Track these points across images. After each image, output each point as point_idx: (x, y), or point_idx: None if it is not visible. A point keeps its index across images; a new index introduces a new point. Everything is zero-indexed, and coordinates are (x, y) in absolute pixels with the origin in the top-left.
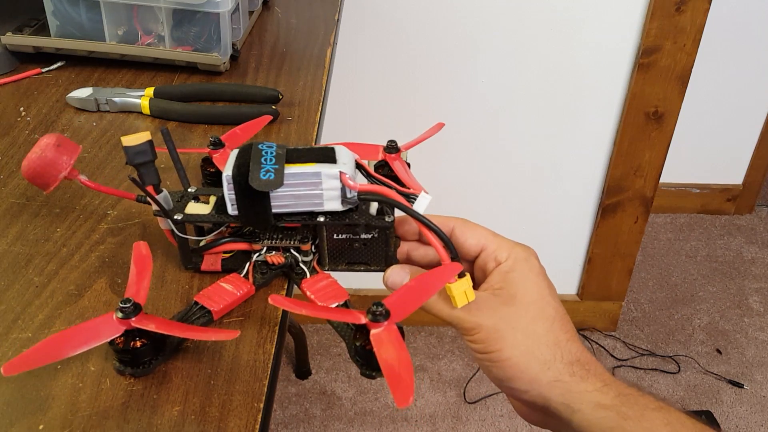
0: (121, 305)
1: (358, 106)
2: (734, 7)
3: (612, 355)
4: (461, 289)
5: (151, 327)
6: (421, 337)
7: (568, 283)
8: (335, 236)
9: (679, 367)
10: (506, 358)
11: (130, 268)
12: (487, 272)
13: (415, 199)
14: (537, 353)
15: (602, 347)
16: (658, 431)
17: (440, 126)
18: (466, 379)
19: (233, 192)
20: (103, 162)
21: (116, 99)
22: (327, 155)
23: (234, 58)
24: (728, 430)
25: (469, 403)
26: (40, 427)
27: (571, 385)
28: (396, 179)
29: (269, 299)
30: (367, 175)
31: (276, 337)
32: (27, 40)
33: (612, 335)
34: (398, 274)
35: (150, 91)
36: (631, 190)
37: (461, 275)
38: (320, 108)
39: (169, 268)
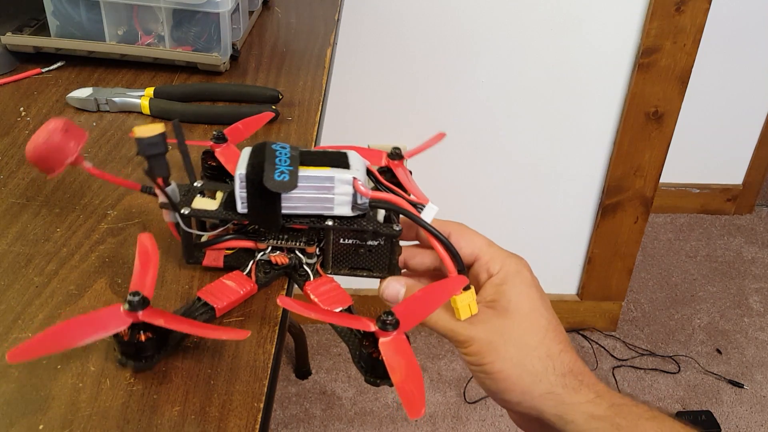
0: (129, 297)
1: (358, 106)
2: (734, 7)
3: (612, 355)
4: (465, 302)
5: (159, 322)
6: (421, 337)
7: (568, 283)
8: (342, 241)
9: (679, 367)
10: (498, 370)
11: (134, 262)
12: (480, 283)
13: (422, 209)
14: (528, 365)
15: (602, 347)
16: None
17: (441, 136)
18: (466, 379)
19: (245, 190)
20: (104, 161)
21: (116, 99)
22: (340, 160)
23: (234, 58)
24: (728, 430)
25: (469, 403)
26: (40, 427)
27: (563, 396)
28: (399, 186)
29: (278, 300)
30: (377, 181)
31: (276, 337)
32: (27, 40)
33: (612, 335)
34: (394, 286)
35: (150, 91)
36: (631, 190)
37: (466, 288)
38: (320, 108)
39: (169, 267)
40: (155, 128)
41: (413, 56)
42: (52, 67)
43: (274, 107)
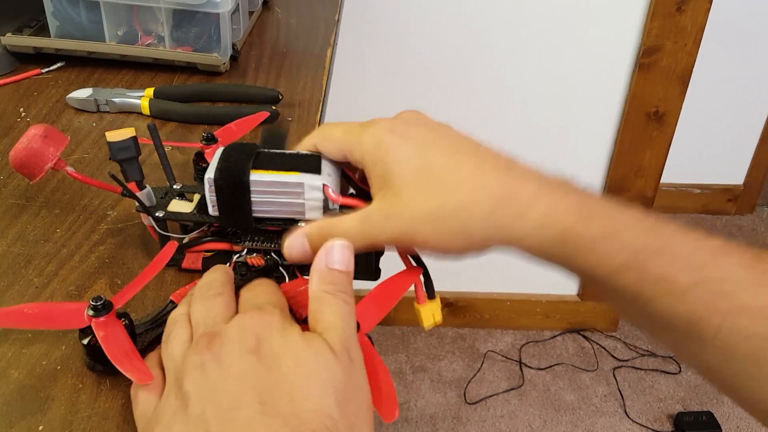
0: (91, 302)
1: (358, 106)
2: (735, 7)
3: (612, 356)
4: (429, 311)
5: (100, 333)
6: (421, 337)
7: (568, 283)
8: None
9: (680, 367)
10: (422, 245)
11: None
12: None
13: None
14: (450, 231)
15: (603, 348)
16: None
17: None
18: (466, 379)
19: (214, 194)
20: (104, 162)
21: (116, 99)
22: (312, 164)
23: (234, 58)
24: (729, 430)
25: (469, 403)
26: (40, 428)
27: (509, 232)
28: None
29: None
30: (354, 185)
31: None
32: (27, 41)
33: (613, 336)
34: (297, 240)
35: (150, 91)
36: (631, 190)
37: (431, 297)
38: (320, 108)
39: (170, 268)
40: (126, 132)
41: (413, 57)
42: (52, 68)
43: (274, 107)
